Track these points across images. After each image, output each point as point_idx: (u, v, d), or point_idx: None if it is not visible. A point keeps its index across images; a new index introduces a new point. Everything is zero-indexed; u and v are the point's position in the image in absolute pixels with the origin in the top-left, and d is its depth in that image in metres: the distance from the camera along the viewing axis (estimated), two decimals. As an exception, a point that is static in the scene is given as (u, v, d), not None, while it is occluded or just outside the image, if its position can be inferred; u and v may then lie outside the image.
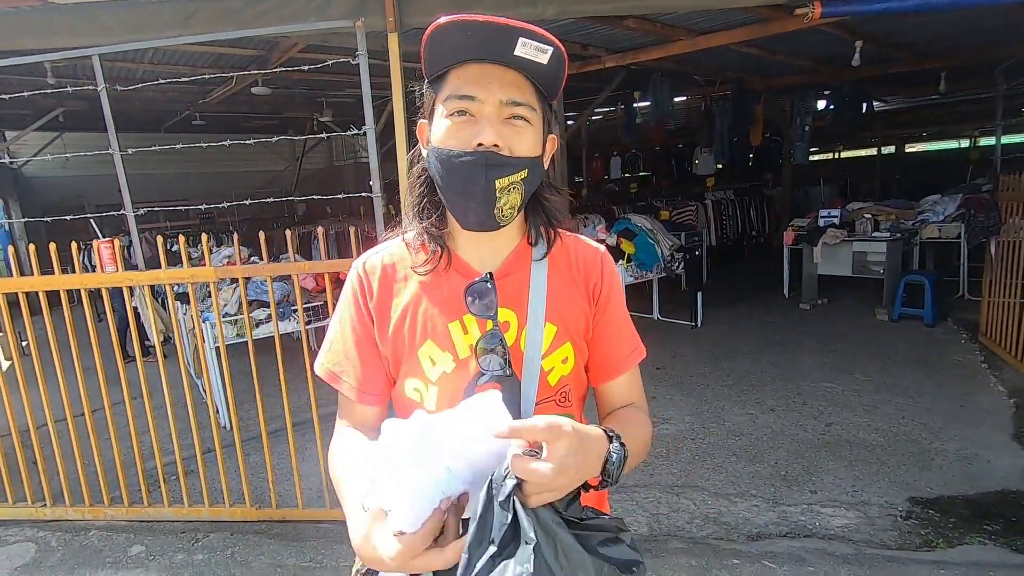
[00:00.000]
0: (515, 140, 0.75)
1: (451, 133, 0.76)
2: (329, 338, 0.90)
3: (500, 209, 0.76)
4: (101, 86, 2.45)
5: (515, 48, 0.72)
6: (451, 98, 0.76)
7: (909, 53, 5.90)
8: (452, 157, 0.75)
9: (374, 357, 0.87)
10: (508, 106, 0.75)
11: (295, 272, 2.60)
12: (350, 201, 9.99)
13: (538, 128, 0.79)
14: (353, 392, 0.87)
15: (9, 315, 2.65)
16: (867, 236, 5.84)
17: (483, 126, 0.74)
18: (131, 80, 5.48)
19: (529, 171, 0.77)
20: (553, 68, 0.75)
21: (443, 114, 0.77)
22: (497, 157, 0.74)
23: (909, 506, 2.60)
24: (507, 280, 0.84)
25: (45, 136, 8.58)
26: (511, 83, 0.75)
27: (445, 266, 0.84)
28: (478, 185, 0.74)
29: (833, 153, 16.83)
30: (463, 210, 0.79)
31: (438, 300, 0.83)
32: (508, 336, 0.82)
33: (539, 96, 0.78)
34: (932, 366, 4.26)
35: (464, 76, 0.75)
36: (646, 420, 0.89)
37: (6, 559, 2.51)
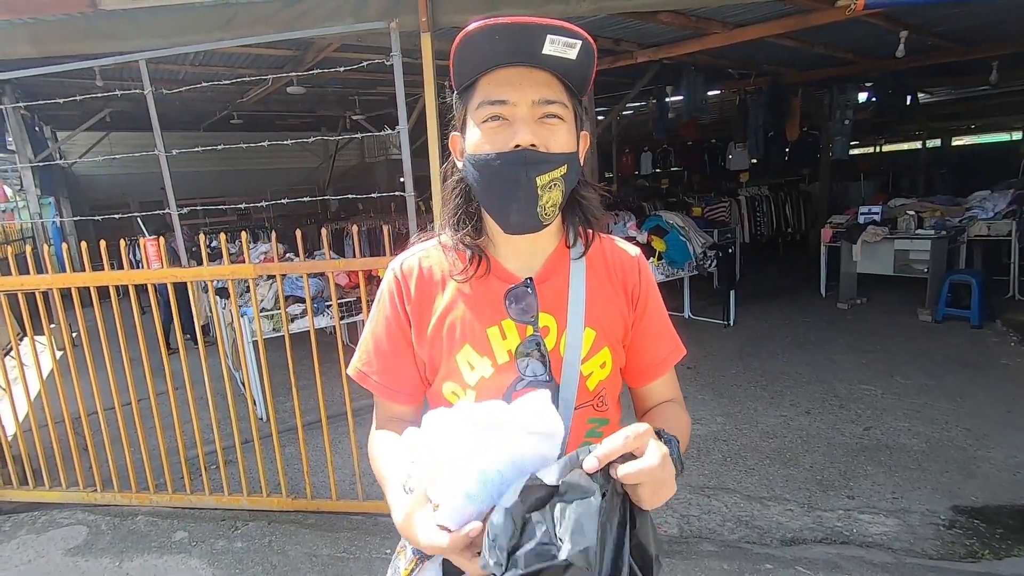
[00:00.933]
0: (551, 138, 0.76)
1: (487, 138, 0.77)
2: (362, 339, 0.92)
3: (543, 207, 0.77)
4: (148, 89, 2.54)
5: (543, 47, 0.72)
6: (483, 105, 0.76)
7: (957, 42, 5.65)
8: (491, 161, 0.76)
9: (407, 357, 0.87)
10: (540, 105, 0.75)
11: (330, 270, 2.65)
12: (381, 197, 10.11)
13: (571, 125, 0.79)
14: (384, 391, 0.88)
15: (63, 307, 2.79)
16: (910, 234, 5.63)
17: (518, 127, 0.75)
18: (174, 81, 5.67)
19: (568, 167, 0.77)
20: (583, 63, 0.75)
21: (476, 122, 0.78)
22: (536, 154, 0.74)
23: (953, 515, 2.51)
24: (546, 285, 0.84)
25: (93, 136, 8.94)
26: (542, 83, 0.75)
27: (485, 272, 0.84)
28: (520, 184, 0.75)
29: (874, 147, 16.23)
30: (505, 213, 0.79)
31: (477, 305, 0.84)
32: (547, 341, 0.82)
33: (570, 93, 0.78)
34: (978, 369, 4.10)
35: (494, 81, 0.76)
36: (684, 412, 0.90)
37: (60, 540, 2.65)
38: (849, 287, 6.02)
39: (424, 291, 0.87)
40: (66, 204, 8.39)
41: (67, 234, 7.44)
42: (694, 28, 4.55)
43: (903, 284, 5.93)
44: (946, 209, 5.97)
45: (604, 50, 5.24)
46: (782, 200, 8.73)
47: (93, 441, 2.87)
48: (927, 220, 5.75)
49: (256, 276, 2.65)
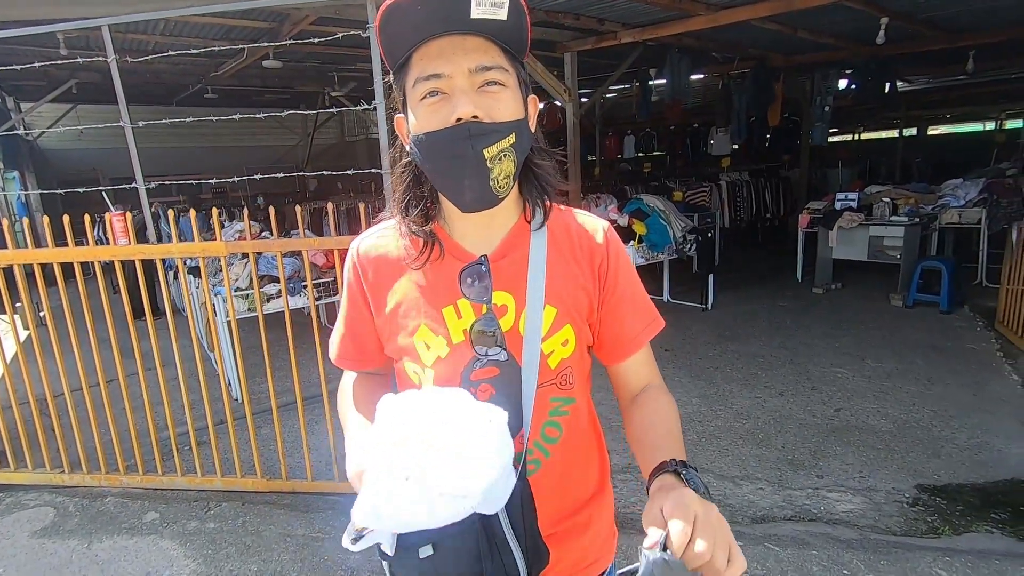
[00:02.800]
0: (494, 106, 0.72)
1: (427, 116, 0.73)
2: (337, 323, 0.94)
3: (496, 180, 0.74)
4: (111, 57, 2.44)
5: (470, 11, 0.68)
6: (419, 81, 0.73)
7: (938, 31, 5.70)
8: (435, 140, 0.73)
9: (367, 335, 0.90)
10: (478, 73, 0.71)
11: (305, 248, 2.60)
12: (361, 177, 9.95)
13: (515, 90, 0.75)
14: (350, 363, 0.94)
15: (26, 286, 2.69)
16: (885, 220, 5.72)
17: (457, 99, 0.71)
18: (143, 52, 5.45)
19: (516, 135, 0.74)
20: (515, 22, 0.71)
21: (415, 101, 0.74)
22: (480, 126, 0.71)
23: (916, 493, 2.59)
24: (504, 262, 0.82)
25: (60, 108, 8.62)
26: (475, 49, 0.71)
27: (439, 257, 0.82)
28: (467, 159, 0.72)
29: (853, 135, 16.43)
30: (458, 190, 0.76)
31: (432, 285, 0.82)
32: (506, 320, 0.80)
33: (509, 57, 0.75)
34: (946, 353, 4.21)
35: (426, 55, 0.72)
36: (670, 399, 0.88)
37: (26, 522, 2.59)
38: (825, 272, 6.11)
39: (381, 272, 0.86)
40: (32, 179, 8.10)
41: (33, 210, 7.20)
42: (678, 9, 4.51)
43: (877, 270, 6.05)
44: (920, 197, 6.07)
45: (588, 30, 5.17)
46: (762, 186, 8.80)
47: (60, 422, 2.80)
48: (901, 207, 5.85)
49: (228, 254, 2.59)
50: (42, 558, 2.35)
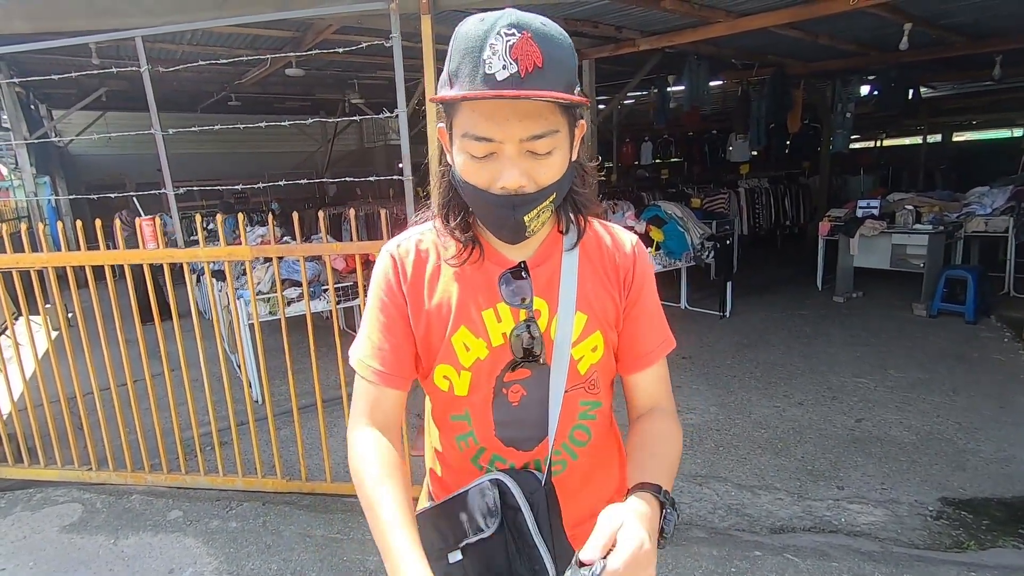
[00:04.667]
0: (540, 172, 0.72)
1: (473, 170, 0.73)
2: (363, 327, 0.88)
3: (532, 231, 0.77)
4: (144, 67, 2.52)
5: None
6: (467, 136, 0.71)
7: (961, 36, 5.62)
8: (477, 194, 0.74)
9: (405, 338, 0.85)
10: (529, 142, 0.70)
11: (327, 253, 2.65)
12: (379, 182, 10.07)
13: (564, 143, 0.74)
14: (385, 378, 0.84)
15: (58, 287, 2.78)
16: (908, 228, 5.63)
17: (505, 169, 0.71)
18: (171, 61, 5.60)
19: (558, 192, 0.76)
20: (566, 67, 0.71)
21: (461, 148, 0.73)
22: (523, 198, 0.72)
23: (940, 506, 2.54)
24: (539, 270, 0.84)
25: (89, 115, 8.86)
26: (530, 114, 0.69)
27: (478, 259, 0.83)
28: (507, 221, 0.74)
29: (875, 141, 16.18)
30: (494, 231, 0.79)
31: (472, 288, 0.83)
32: (540, 324, 0.82)
33: (562, 110, 0.72)
34: (971, 364, 4.12)
35: (478, 111, 0.70)
36: (676, 428, 0.87)
37: (56, 517, 2.66)
38: (846, 280, 6.03)
39: (420, 272, 0.86)
40: (62, 184, 8.33)
41: (63, 214, 7.40)
42: (697, 16, 4.51)
43: (899, 278, 5.95)
44: (944, 204, 5.97)
45: (606, 37, 5.19)
46: (781, 193, 8.72)
47: (88, 421, 2.88)
48: (925, 215, 5.75)
49: (253, 258, 2.64)
50: (70, 552, 2.42)
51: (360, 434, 0.83)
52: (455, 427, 0.88)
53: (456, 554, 0.76)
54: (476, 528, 0.75)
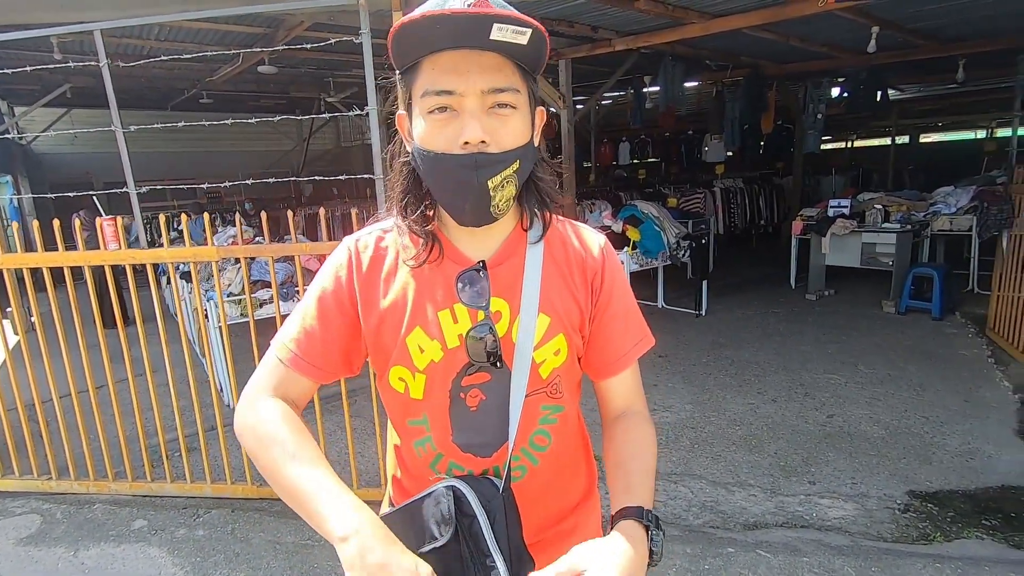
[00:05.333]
0: (503, 131, 0.71)
1: (434, 132, 0.72)
2: (297, 314, 0.83)
3: (496, 205, 0.73)
4: (103, 62, 2.43)
5: (490, 34, 0.67)
6: (428, 93, 0.71)
7: (928, 39, 5.77)
8: (439, 160, 0.72)
9: (340, 335, 0.81)
10: (491, 94, 0.70)
11: (297, 253, 2.59)
12: (357, 182, 9.96)
13: (525, 110, 0.74)
14: (303, 366, 0.80)
15: (17, 291, 2.67)
16: (877, 227, 5.76)
17: (466, 121, 0.69)
18: (137, 57, 5.45)
19: (521, 161, 0.74)
20: (535, 47, 0.70)
21: (422, 111, 0.72)
22: (486, 156, 0.70)
23: (908, 499, 2.59)
24: (500, 269, 0.81)
25: (54, 112, 8.60)
26: (491, 67, 0.70)
27: (437, 257, 0.81)
28: (470, 187, 0.71)
29: (846, 142, 16.59)
30: (458, 209, 0.75)
31: (429, 288, 0.81)
32: (500, 326, 0.80)
33: (523, 74, 0.73)
34: (937, 360, 4.23)
35: (439, 66, 0.70)
36: (650, 432, 0.86)
37: (12, 530, 2.56)
38: (818, 279, 6.15)
39: (376, 269, 0.83)
40: (25, 183, 8.06)
41: (26, 214, 7.16)
42: (672, 17, 4.54)
43: (869, 276, 6.08)
44: (911, 204, 6.12)
45: (582, 37, 5.20)
46: (756, 192, 8.86)
47: (48, 429, 2.77)
48: (893, 214, 5.89)
49: (219, 259, 2.58)
50: (28, 566, 2.32)
51: (264, 402, 0.78)
52: (413, 432, 0.85)
53: None
54: (430, 536, 0.73)
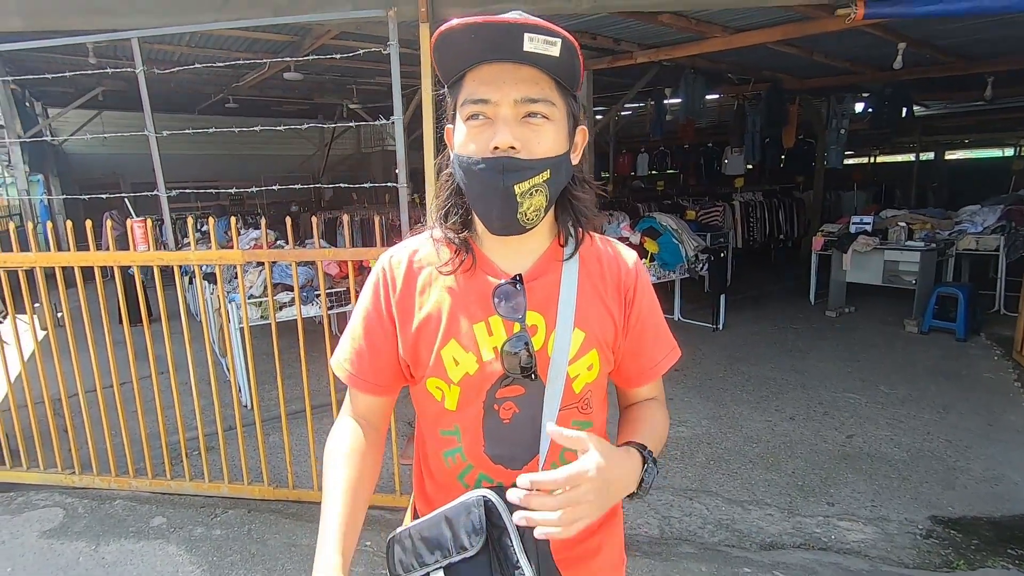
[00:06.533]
0: (534, 140, 0.73)
1: (469, 138, 0.75)
2: (345, 332, 0.90)
3: (524, 213, 0.75)
4: (139, 68, 2.50)
5: (523, 44, 0.69)
6: (467, 103, 0.75)
7: (955, 57, 5.70)
8: (471, 164, 0.74)
9: (386, 350, 0.86)
10: (524, 104, 0.72)
11: (319, 258, 2.63)
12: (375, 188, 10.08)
13: (561, 123, 0.75)
14: (358, 383, 0.87)
15: (46, 287, 2.74)
16: (900, 245, 5.68)
17: (499, 128, 0.72)
18: (169, 62, 5.59)
19: (552, 171, 0.75)
20: (567, 60, 0.72)
21: (462, 119, 0.76)
22: (514, 161, 0.72)
23: (930, 525, 2.54)
24: (536, 283, 0.82)
25: (85, 114, 8.83)
26: (526, 79, 0.72)
27: (471, 267, 0.82)
28: (497, 191, 0.73)
29: (868, 158, 16.36)
30: (487, 215, 0.78)
31: (464, 300, 0.82)
32: (535, 340, 0.81)
33: (560, 89, 0.75)
34: (962, 381, 4.14)
35: (478, 78, 0.74)
36: (665, 413, 0.93)
37: (36, 522, 2.61)
38: (838, 296, 6.06)
39: (411, 285, 0.85)
40: (55, 182, 8.28)
41: (55, 213, 7.34)
42: (694, 31, 4.55)
43: (891, 295, 5.99)
44: (936, 222, 6.02)
45: (604, 49, 5.22)
46: (776, 207, 8.78)
47: (73, 423, 2.83)
48: (917, 232, 5.80)
49: (244, 262, 2.63)
50: (49, 559, 2.37)
51: (338, 423, 0.90)
52: (443, 442, 0.86)
53: (439, 573, 0.74)
54: (460, 546, 0.73)
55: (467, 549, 0.72)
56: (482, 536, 0.72)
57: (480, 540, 0.72)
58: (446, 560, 0.73)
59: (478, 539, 0.72)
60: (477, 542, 0.72)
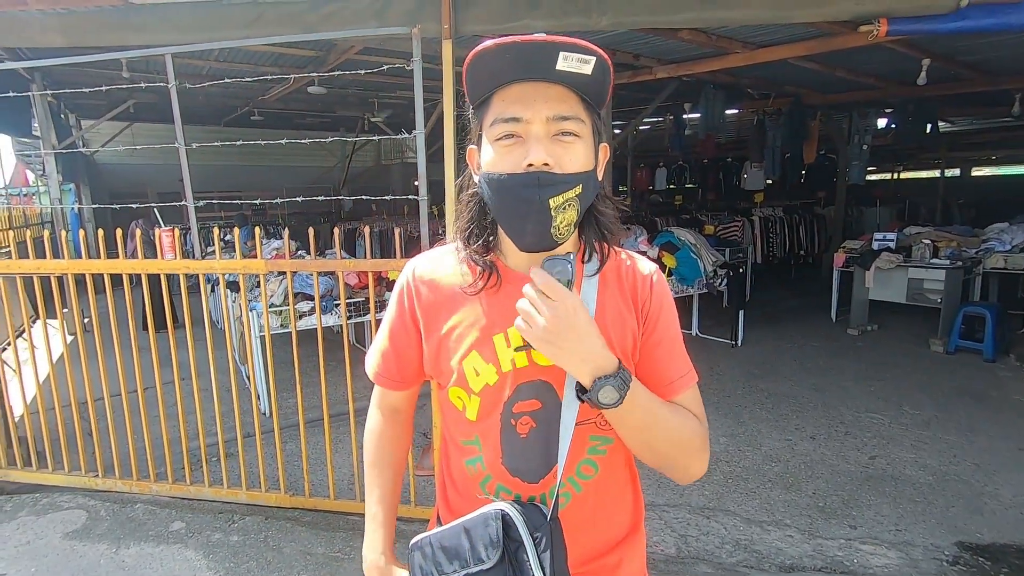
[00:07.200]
0: (565, 157, 0.74)
1: (500, 157, 0.76)
2: (376, 340, 0.96)
3: (557, 228, 0.75)
4: (172, 83, 2.59)
5: (556, 63, 0.71)
6: (497, 122, 0.75)
7: (980, 72, 5.61)
8: (504, 181, 0.75)
9: (409, 354, 0.92)
10: (555, 122, 0.74)
11: (340, 269, 2.67)
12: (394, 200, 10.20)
13: (588, 140, 0.77)
14: (385, 381, 0.96)
15: (76, 292, 2.82)
16: (925, 262, 5.57)
17: (531, 146, 0.73)
18: (197, 76, 5.75)
19: (583, 186, 0.76)
20: (598, 78, 0.73)
21: (490, 139, 0.77)
22: (549, 176, 0.73)
23: (957, 551, 2.46)
24: None
25: (116, 126, 9.09)
26: (556, 98, 0.74)
27: (495, 285, 0.83)
28: (532, 206, 0.74)
29: (892, 174, 16.12)
30: (519, 232, 0.78)
31: (487, 312, 0.84)
32: None
33: (587, 107, 0.77)
34: (990, 403, 4.03)
35: (508, 97, 0.75)
36: (696, 423, 0.83)
37: (60, 523, 2.67)
38: (860, 313, 5.96)
39: (435, 295, 0.87)
40: (86, 191, 8.52)
41: (85, 221, 7.55)
42: (714, 47, 4.55)
43: (916, 313, 5.87)
44: (962, 239, 5.90)
45: (623, 64, 5.25)
46: (796, 222, 8.68)
47: (98, 426, 2.90)
48: (942, 250, 5.69)
49: (267, 272, 2.68)
50: (72, 560, 2.41)
51: (371, 415, 1.05)
52: (466, 450, 0.88)
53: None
54: (477, 558, 0.74)
55: (484, 561, 0.73)
56: (499, 549, 0.73)
57: (497, 553, 0.73)
58: (464, 571, 0.74)
59: (495, 552, 0.73)
60: (494, 555, 0.73)
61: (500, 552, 0.73)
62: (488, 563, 0.73)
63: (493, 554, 0.73)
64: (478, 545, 0.75)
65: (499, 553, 0.73)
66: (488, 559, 0.73)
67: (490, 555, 0.73)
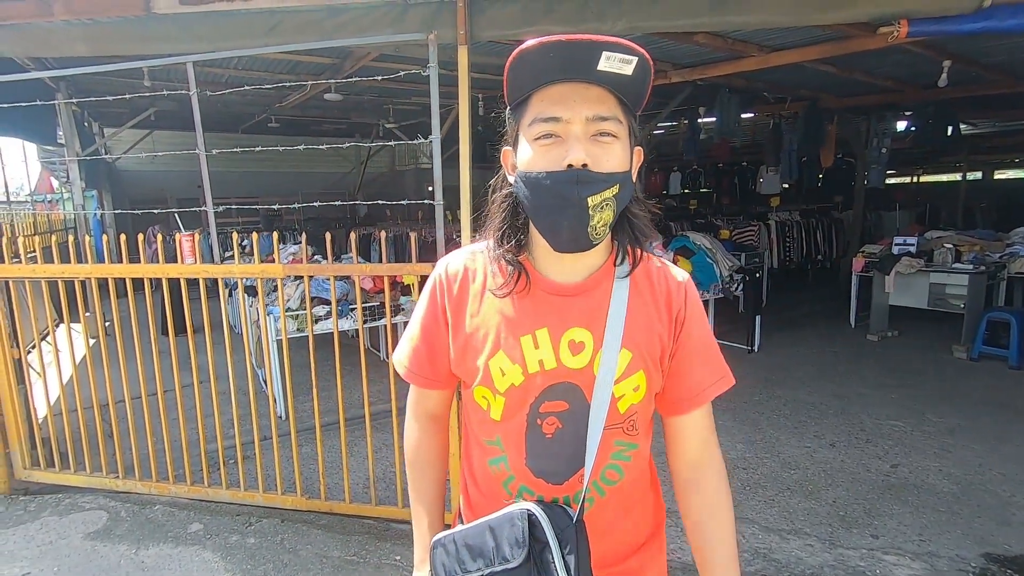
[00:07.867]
0: (603, 157, 0.74)
1: (539, 156, 0.76)
2: (406, 334, 0.95)
3: (594, 227, 0.75)
4: (193, 91, 2.63)
5: (598, 63, 0.71)
6: (536, 122, 0.76)
7: (1003, 74, 5.52)
8: (542, 179, 0.75)
9: (440, 350, 0.90)
10: (594, 122, 0.74)
11: (356, 273, 2.69)
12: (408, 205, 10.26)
13: (625, 142, 0.77)
14: (417, 379, 0.93)
15: (99, 296, 2.88)
16: (947, 267, 5.47)
17: (571, 145, 0.74)
18: (217, 84, 5.86)
19: (620, 187, 0.76)
20: (638, 78, 0.74)
21: (529, 139, 0.77)
22: (588, 174, 0.73)
23: (984, 563, 2.40)
24: (587, 296, 0.83)
25: (137, 133, 9.28)
26: (595, 99, 0.74)
27: (524, 287, 0.83)
28: (570, 204, 0.74)
29: (911, 177, 15.88)
30: (555, 231, 0.77)
31: (515, 313, 0.83)
32: (582, 357, 0.81)
33: (624, 109, 0.77)
34: (1016, 412, 3.93)
35: (547, 97, 0.75)
36: (726, 487, 0.92)
37: (81, 524, 2.71)
38: (880, 319, 5.86)
39: (464, 293, 0.87)
40: (108, 198, 8.70)
41: (107, 226, 7.70)
42: (730, 50, 4.53)
43: (938, 319, 5.76)
44: (986, 244, 5.79)
45: (638, 69, 5.24)
46: (813, 226, 8.58)
47: (118, 428, 2.94)
48: (965, 254, 5.58)
49: (284, 276, 2.70)
50: (93, 560, 2.45)
51: (408, 426, 1.01)
52: (489, 450, 0.88)
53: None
54: (502, 557, 0.74)
55: (509, 560, 0.73)
56: (524, 549, 0.73)
57: (522, 553, 0.73)
58: (488, 569, 0.73)
59: (520, 552, 0.73)
60: (519, 554, 0.73)
61: (526, 552, 0.73)
62: (513, 562, 0.73)
63: (519, 553, 0.73)
64: (503, 544, 0.74)
65: (524, 553, 0.73)
66: (513, 558, 0.73)
67: (515, 554, 0.73)
